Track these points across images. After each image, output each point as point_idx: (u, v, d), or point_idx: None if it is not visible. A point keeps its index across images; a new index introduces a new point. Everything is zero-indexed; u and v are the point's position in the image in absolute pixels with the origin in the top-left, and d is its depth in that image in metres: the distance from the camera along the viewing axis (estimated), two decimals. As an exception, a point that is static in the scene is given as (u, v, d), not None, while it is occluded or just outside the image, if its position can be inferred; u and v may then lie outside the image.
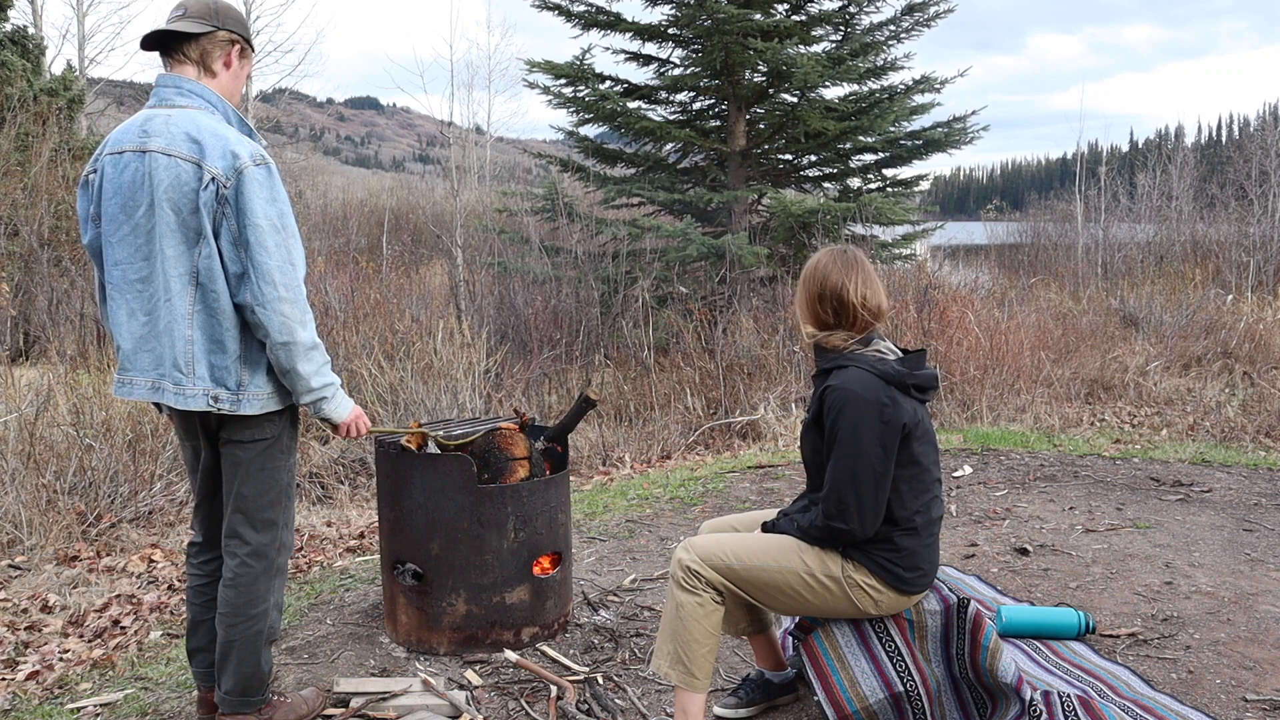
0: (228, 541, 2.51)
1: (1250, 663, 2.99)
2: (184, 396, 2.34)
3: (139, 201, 2.30)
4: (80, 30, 19.52)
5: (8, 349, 7.55)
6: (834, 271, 2.45)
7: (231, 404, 2.37)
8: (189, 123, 2.32)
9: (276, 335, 2.31)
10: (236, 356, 2.36)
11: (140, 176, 2.30)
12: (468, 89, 41.73)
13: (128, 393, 2.39)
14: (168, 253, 2.30)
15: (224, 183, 2.28)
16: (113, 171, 2.34)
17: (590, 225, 10.16)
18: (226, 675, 2.54)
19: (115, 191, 2.33)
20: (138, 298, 2.34)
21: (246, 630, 2.50)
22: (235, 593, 2.49)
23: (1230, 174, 18.98)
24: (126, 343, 2.37)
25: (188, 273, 2.31)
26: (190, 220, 2.29)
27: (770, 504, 5.02)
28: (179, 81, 2.38)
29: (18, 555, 4.35)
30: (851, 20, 10.56)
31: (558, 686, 2.88)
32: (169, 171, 2.28)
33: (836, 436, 2.33)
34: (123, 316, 2.36)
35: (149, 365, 2.36)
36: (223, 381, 2.36)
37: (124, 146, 2.33)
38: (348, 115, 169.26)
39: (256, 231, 2.28)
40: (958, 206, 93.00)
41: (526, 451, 3.31)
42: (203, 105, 2.38)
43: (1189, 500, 4.87)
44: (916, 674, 2.46)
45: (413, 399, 6.59)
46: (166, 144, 2.29)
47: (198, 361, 2.34)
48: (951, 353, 7.81)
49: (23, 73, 13.21)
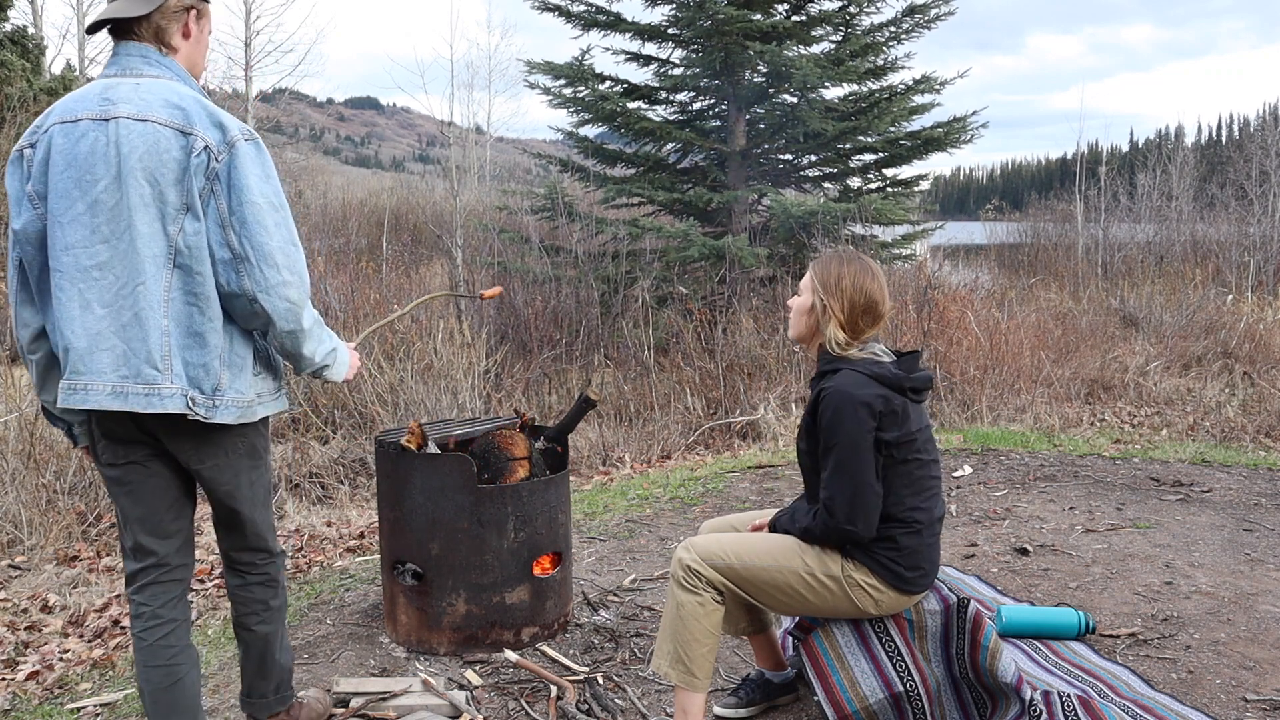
0: (234, 554, 2.39)
1: (1250, 663, 2.99)
2: (159, 398, 2.03)
3: (98, 175, 2.00)
4: (80, 30, 19.52)
5: (8, 349, 7.55)
6: (872, 285, 2.44)
7: (206, 409, 2.08)
8: (166, 90, 2.07)
9: (282, 324, 2.10)
10: (217, 354, 2.08)
11: (101, 146, 2.01)
12: (468, 89, 41.62)
13: (81, 400, 2.02)
14: (140, 229, 2.01)
15: (216, 154, 2.04)
16: (64, 142, 2.02)
17: (590, 225, 10.16)
18: (262, 679, 2.50)
19: (68, 164, 2.01)
20: (93, 287, 2.01)
21: (276, 623, 2.47)
22: (261, 589, 2.43)
23: (1230, 174, 18.98)
24: (79, 341, 2.01)
25: (163, 253, 2.03)
26: (170, 193, 2.02)
27: (770, 504, 5.02)
28: (146, 51, 2.11)
29: (18, 555, 4.35)
30: (851, 21, 10.56)
31: (558, 686, 2.88)
32: (144, 138, 2.01)
33: (834, 440, 2.34)
34: (74, 310, 2.01)
35: (109, 365, 2.02)
36: (198, 382, 2.07)
37: (79, 114, 2.03)
38: (348, 115, 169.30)
39: (254, 209, 2.04)
40: (958, 206, 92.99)
41: (526, 451, 3.31)
42: (174, 79, 2.12)
43: (1189, 500, 4.87)
44: (916, 674, 2.46)
45: (413, 399, 6.59)
46: (139, 109, 2.02)
47: (173, 357, 2.05)
48: (951, 353, 7.81)
49: (23, 73, 13.21)
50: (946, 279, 10.24)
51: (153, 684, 2.23)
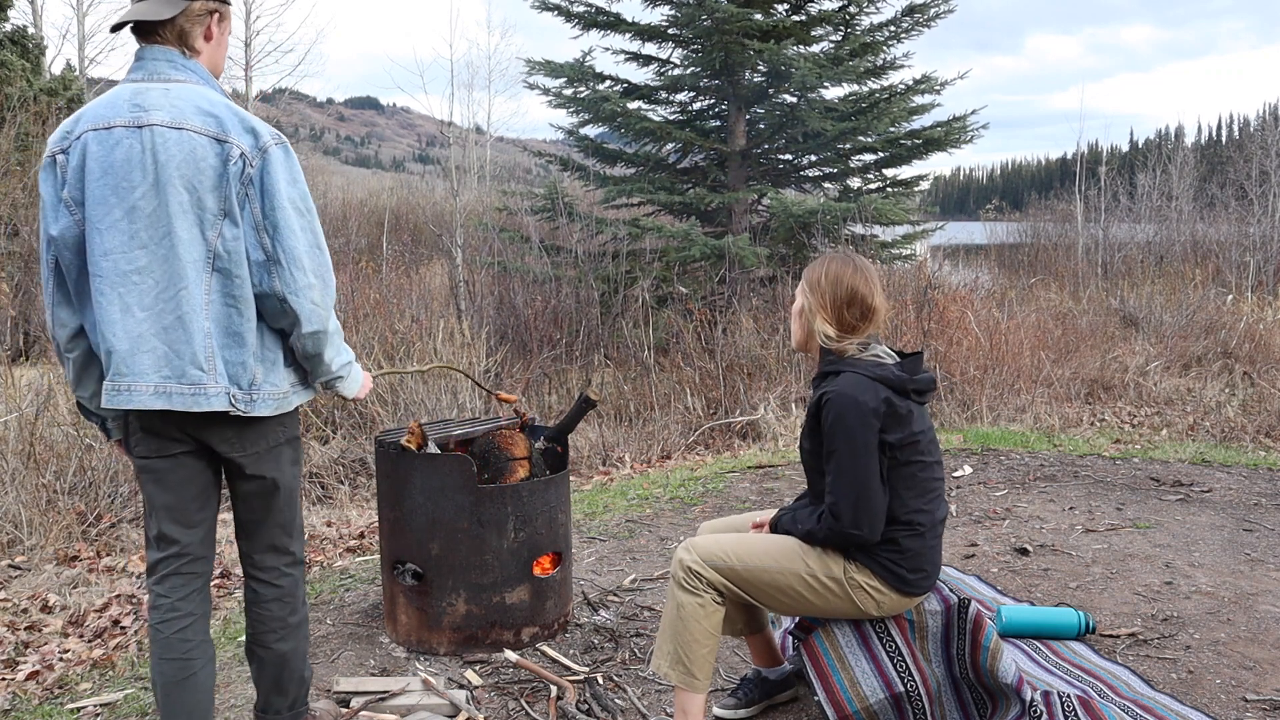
0: (258, 558, 2.36)
1: (1250, 663, 2.99)
2: (204, 397, 2.11)
3: (134, 182, 2.06)
4: (80, 30, 19.51)
5: (8, 349, 7.55)
6: (855, 278, 2.45)
7: (245, 404, 2.16)
8: (196, 96, 2.11)
9: (307, 324, 2.15)
10: (252, 351, 2.16)
11: (136, 153, 2.06)
12: (468, 89, 41.59)
13: (125, 401, 2.09)
14: (180, 235, 2.07)
15: (250, 160, 2.10)
16: (99, 149, 2.07)
17: (590, 225, 10.16)
18: (279, 694, 2.46)
19: (104, 171, 2.06)
20: (133, 291, 2.07)
21: (296, 640, 2.43)
22: (279, 606, 2.38)
23: (1230, 174, 18.98)
24: (120, 344, 2.08)
25: (203, 258, 2.09)
26: (208, 200, 2.08)
27: (770, 504, 5.02)
28: (171, 55, 2.15)
29: (18, 555, 4.35)
30: (851, 20, 10.57)
31: (558, 686, 2.88)
32: (181, 146, 2.06)
33: (838, 443, 2.33)
34: (115, 314, 2.07)
35: (150, 366, 2.09)
36: (236, 379, 2.16)
37: (112, 122, 2.08)
38: (348, 115, 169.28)
39: (284, 214, 2.11)
40: (958, 206, 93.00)
41: (526, 451, 3.31)
42: (200, 83, 2.16)
43: (1189, 500, 4.87)
44: (917, 674, 2.46)
45: (413, 399, 6.59)
46: (173, 117, 2.07)
47: (216, 357, 2.12)
48: (951, 353, 7.81)
49: (23, 73, 13.21)
50: (946, 279, 10.25)
51: (165, 677, 2.24)
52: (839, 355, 2.46)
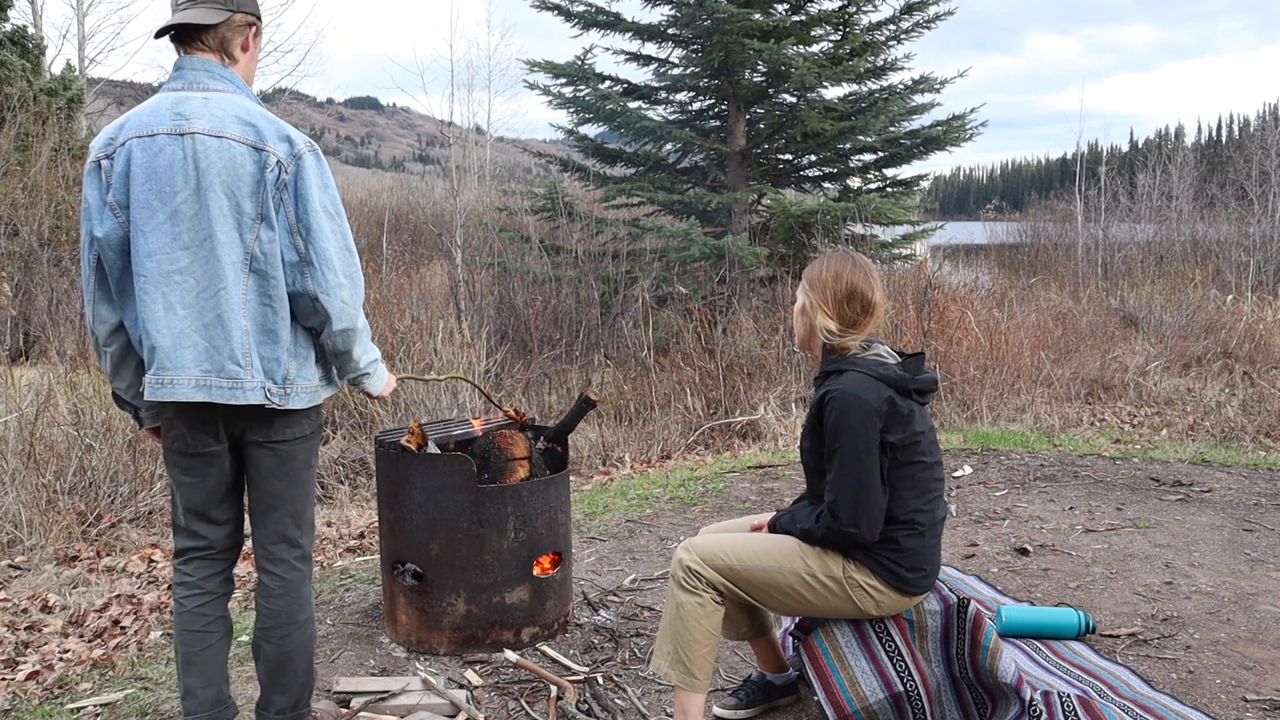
0: (270, 548, 2.41)
1: (1250, 663, 3.00)
2: (241, 391, 2.22)
3: (177, 187, 2.16)
4: (80, 30, 19.51)
5: (8, 349, 7.55)
6: (854, 273, 2.47)
7: (280, 398, 2.27)
8: (234, 105, 2.22)
9: (337, 322, 2.26)
10: (286, 347, 2.27)
11: (179, 160, 2.16)
12: (468, 89, 41.43)
13: (168, 393, 2.21)
14: (220, 238, 2.18)
15: (285, 167, 2.21)
16: (143, 155, 2.17)
17: (590, 225, 10.16)
18: (280, 692, 2.47)
19: (149, 177, 2.17)
20: (175, 290, 2.18)
21: (300, 638, 2.45)
22: (286, 601, 2.41)
23: (1230, 174, 18.98)
24: (164, 339, 2.19)
25: (240, 260, 2.21)
26: (246, 205, 2.19)
27: (770, 504, 5.02)
28: (210, 65, 2.25)
29: (18, 555, 4.35)
30: (851, 20, 10.57)
31: (558, 686, 2.88)
32: (221, 154, 2.17)
33: (840, 442, 2.34)
34: (158, 311, 2.18)
35: (191, 361, 2.20)
36: (271, 374, 2.26)
37: (155, 129, 2.18)
38: (348, 115, 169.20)
39: (316, 218, 2.22)
40: (958, 206, 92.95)
41: (526, 451, 3.31)
42: (237, 91, 2.27)
43: (1189, 500, 4.87)
44: (916, 674, 2.46)
45: (413, 399, 6.59)
46: (213, 125, 2.18)
47: (253, 353, 2.23)
48: (951, 353, 7.81)
49: (23, 73, 13.19)
50: (946, 279, 10.24)
51: (187, 646, 2.40)
52: (842, 354, 2.46)
